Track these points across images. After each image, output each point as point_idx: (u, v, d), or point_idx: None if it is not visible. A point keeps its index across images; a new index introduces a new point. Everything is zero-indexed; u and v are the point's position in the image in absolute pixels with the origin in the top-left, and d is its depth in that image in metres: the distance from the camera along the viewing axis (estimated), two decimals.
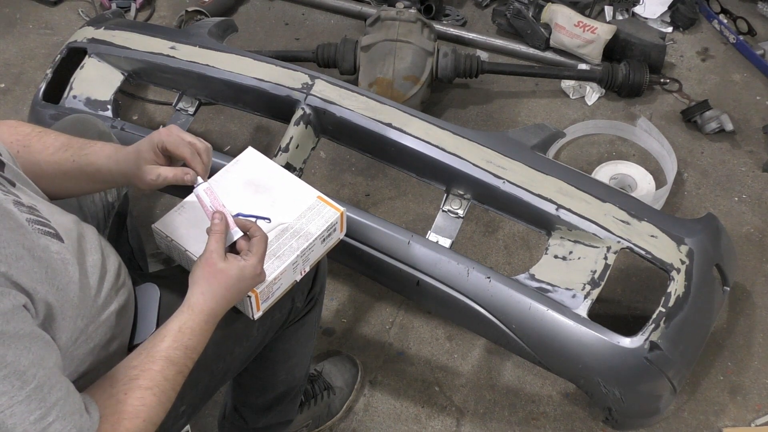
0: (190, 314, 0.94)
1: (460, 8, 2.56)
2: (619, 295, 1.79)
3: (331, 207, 1.15)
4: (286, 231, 1.11)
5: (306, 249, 1.10)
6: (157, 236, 1.11)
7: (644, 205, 1.45)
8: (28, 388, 0.71)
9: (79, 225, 0.96)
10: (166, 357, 0.90)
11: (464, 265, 1.40)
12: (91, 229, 1.00)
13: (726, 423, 1.57)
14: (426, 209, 1.96)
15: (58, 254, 0.83)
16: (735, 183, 2.03)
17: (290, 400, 1.38)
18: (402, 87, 2.03)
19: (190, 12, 2.40)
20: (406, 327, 1.73)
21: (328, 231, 1.14)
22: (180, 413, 1.07)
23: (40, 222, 0.84)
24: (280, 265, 1.07)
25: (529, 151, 1.52)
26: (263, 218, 1.11)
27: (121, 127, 1.65)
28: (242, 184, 1.16)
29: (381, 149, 1.59)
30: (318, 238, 1.12)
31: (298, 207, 1.14)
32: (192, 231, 1.09)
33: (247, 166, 1.19)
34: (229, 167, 1.19)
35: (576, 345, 1.31)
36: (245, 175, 1.18)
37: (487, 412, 1.60)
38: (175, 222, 1.10)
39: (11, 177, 0.90)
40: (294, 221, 1.12)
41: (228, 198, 1.12)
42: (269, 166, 1.20)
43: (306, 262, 1.12)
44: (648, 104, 2.24)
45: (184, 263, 1.11)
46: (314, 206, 1.15)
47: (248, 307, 1.05)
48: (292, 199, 1.15)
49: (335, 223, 1.15)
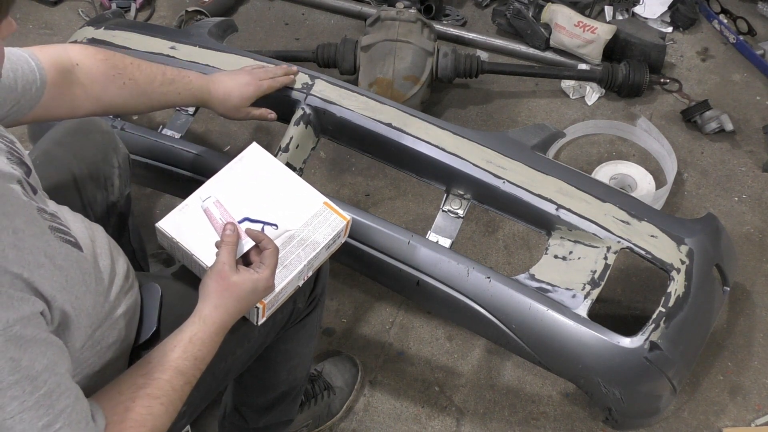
0: (202, 326, 0.94)
1: (460, 8, 2.56)
2: (619, 295, 1.79)
3: (338, 215, 1.14)
4: (292, 239, 1.10)
5: (312, 258, 1.10)
6: (161, 235, 1.10)
7: (644, 205, 1.45)
8: (38, 394, 0.71)
9: (89, 228, 0.96)
10: (175, 367, 0.90)
11: (464, 265, 1.40)
12: (100, 229, 1.00)
13: (726, 423, 1.57)
14: (426, 209, 1.96)
15: (78, 263, 0.83)
16: (735, 183, 2.03)
17: (291, 400, 1.38)
18: (402, 87, 2.03)
19: (190, 12, 2.40)
20: (406, 327, 1.73)
21: (333, 239, 1.13)
22: (181, 413, 1.07)
23: (61, 230, 0.84)
24: (287, 275, 1.06)
25: (529, 151, 1.52)
26: (271, 224, 1.10)
27: (121, 126, 1.65)
28: (247, 184, 1.14)
29: (381, 149, 1.59)
30: (324, 247, 1.11)
31: (305, 213, 1.13)
32: (196, 232, 1.08)
33: (252, 164, 1.17)
34: (232, 165, 1.16)
35: (576, 345, 1.31)
36: (249, 174, 1.16)
37: (487, 412, 1.60)
38: (178, 222, 1.09)
39: (35, 184, 0.90)
40: (301, 228, 1.11)
41: (233, 199, 1.12)
42: (274, 165, 1.18)
43: (310, 269, 1.12)
44: (648, 104, 2.24)
45: (187, 263, 1.11)
46: (321, 213, 1.13)
47: (254, 316, 1.06)
48: (299, 204, 1.13)
49: (341, 231, 1.14)
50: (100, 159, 1.27)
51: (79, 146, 1.26)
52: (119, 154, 1.31)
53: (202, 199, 1.11)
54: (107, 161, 1.28)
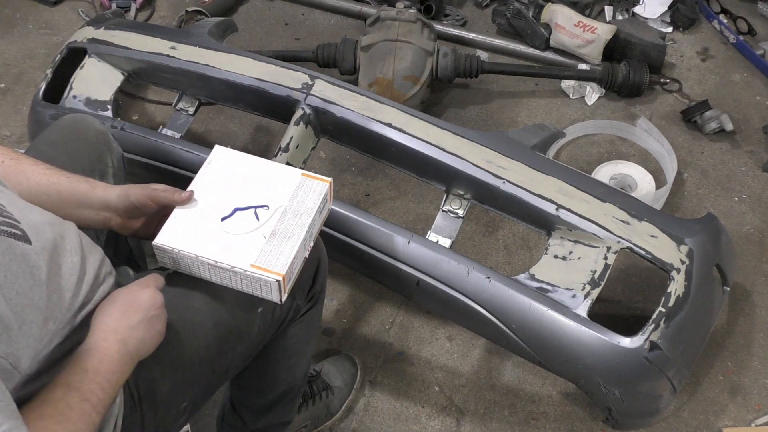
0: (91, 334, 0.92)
1: (460, 8, 2.56)
2: (619, 295, 1.79)
3: (319, 180, 1.18)
4: (286, 213, 1.13)
5: (310, 225, 1.12)
6: (160, 253, 1.09)
7: (644, 205, 1.45)
8: None
9: (58, 225, 0.95)
10: (66, 383, 0.85)
11: (464, 265, 1.40)
12: (72, 227, 0.98)
13: (726, 423, 1.57)
14: (426, 209, 1.96)
15: (23, 256, 0.81)
16: (735, 183, 2.03)
17: (289, 401, 1.38)
18: (402, 87, 2.03)
19: (190, 12, 2.40)
20: (406, 327, 1.73)
21: (322, 203, 1.16)
22: (182, 410, 1.07)
23: (6, 223, 0.82)
24: (294, 245, 1.09)
25: (529, 151, 1.52)
26: (261, 206, 1.13)
27: (121, 127, 1.65)
28: (225, 181, 1.17)
29: (381, 149, 1.59)
30: (317, 212, 1.14)
31: (288, 188, 1.16)
32: (194, 236, 1.09)
33: (222, 163, 1.20)
34: (203, 171, 1.19)
35: (576, 345, 1.31)
36: (224, 172, 1.18)
37: (487, 412, 1.60)
38: (172, 233, 1.09)
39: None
40: (289, 202, 1.14)
41: (217, 198, 1.14)
42: (243, 158, 1.21)
43: (311, 237, 1.15)
44: (648, 104, 2.24)
45: (196, 271, 1.10)
46: (302, 183, 1.17)
47: (276, 292, 1.07)
48: (280, 182, 1.17)
49: (327, 193, 1.17)
50: (94, 158, 1.27)
51: (74, 146, 1.27)
52: (113, 154, 1.31)
53: (185, 207, 1.13)
54: (102, 161, 1.28)
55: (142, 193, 1.09)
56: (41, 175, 1.08)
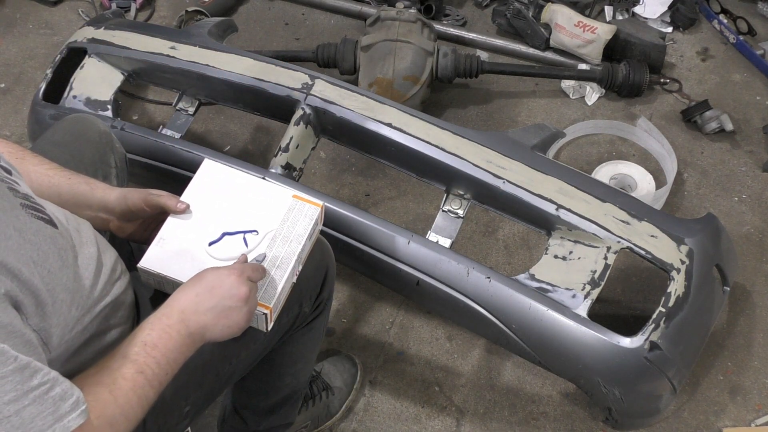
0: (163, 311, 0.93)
1: (460, 8, 2.56)
2: (619, 295, 1.79)
3: (310, 204, 1.14)
4: (276, 239, 1.10)
5: (300, 252, 1.10)
6: (145, 275, 1.08)
7: (644, 205, 1.45)
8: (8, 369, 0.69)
9: (73, 219, 0.96)
10: (123, 355, 0.87)
11: (464, 265, 1.40)
12: (86, 223, 1.00)
13: (726, 423, 1.57)
14: (426, 209, 1.96)
15: (52, 239, 0.83)
16: (735, 183, 2.03)
17: (292, 404, 1.38)
18: (402, 87, 2.03)
19: (190, 12, 2.40)
20: (406, 327, 1.73)
21: (313, 228, 1.13)
22: (184, 413, 1.07)
23: (34, 207, 0.84)
24: (283, 275, 1.06)
25: (529, 151, 1.52)
26: (250, 231, 1.10)
27: (121, 127, 1.65)
28: (213, 201, 1.13)
29: (381, 149, 1.59)
30: (307, 237, 1.11)
31: (279, 211, 1.12)
32: (179, 262, 1.06)
33: (210, 180, 1.16)
34: (191, 188, 1.15)
35: (576, 345, 1.32)
36: (212, 191, 1.14)
37: (487, 412, 1.60)
38: (159, 256, 1.07)
39: (7, 166, 0.90)
40: (279, 227, 1.11)
41: (205, 219, 1.11)
42: (232, 174, 1.17)
43: (300, 263, 1.12)
44: (648, 104, 2.24)
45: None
46: (294, 206, 1.13)
47: (262, 323, 1.05)
48: (270, 204, 1.13)
49: (318, 218, 1.14)
50: (97, 159, 1.27)
51: (77, 146, 1.27)
52: (116, 154, 1.31)
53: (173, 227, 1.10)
54: (105, 161, 1.28)
55: (139, 197, 1.09)
56: (43, 176, 1.09)
